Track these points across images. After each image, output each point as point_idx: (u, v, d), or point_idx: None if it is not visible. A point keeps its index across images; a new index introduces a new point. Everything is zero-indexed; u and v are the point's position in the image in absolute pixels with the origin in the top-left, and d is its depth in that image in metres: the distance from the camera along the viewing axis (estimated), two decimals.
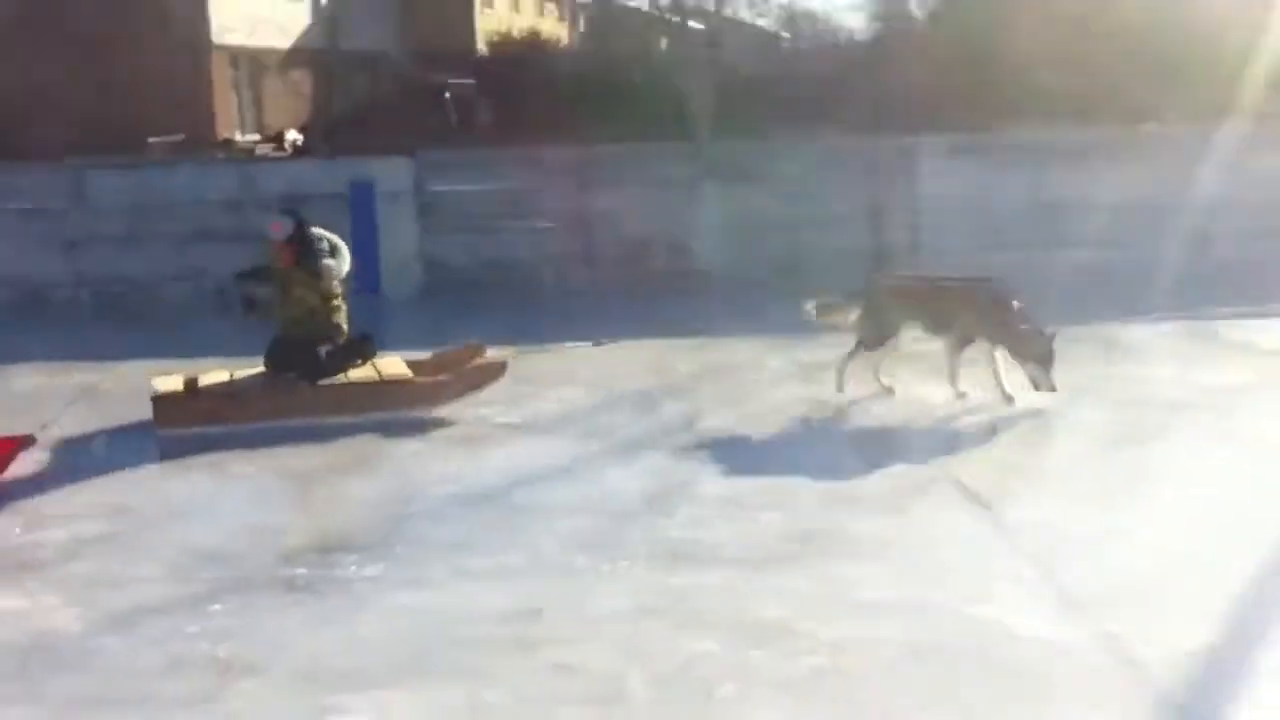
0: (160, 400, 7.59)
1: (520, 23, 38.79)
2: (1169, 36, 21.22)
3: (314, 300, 8.02)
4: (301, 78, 32.02)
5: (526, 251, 13.65)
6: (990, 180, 14.05)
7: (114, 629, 4.76)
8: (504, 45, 33.11)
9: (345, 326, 8.21)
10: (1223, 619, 4.45)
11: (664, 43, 30.76)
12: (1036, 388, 7.47)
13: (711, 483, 6.36)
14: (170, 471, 6.95)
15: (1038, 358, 7.46)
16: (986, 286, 7.81)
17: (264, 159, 22.53)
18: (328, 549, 5.52)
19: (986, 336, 7.69)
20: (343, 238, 8.44)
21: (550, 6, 44.20)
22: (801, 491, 6.15)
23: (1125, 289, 11.17)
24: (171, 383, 7.82)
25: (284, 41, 31.62)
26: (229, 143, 27.90)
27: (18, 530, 5.94)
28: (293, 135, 28.19)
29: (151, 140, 23.52)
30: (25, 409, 7.95)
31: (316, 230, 8.24)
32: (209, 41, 28.23)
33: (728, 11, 30.16)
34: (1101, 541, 5.29)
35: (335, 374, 7.98)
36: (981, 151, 14.54)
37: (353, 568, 5.30)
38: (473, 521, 5.89)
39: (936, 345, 7.96)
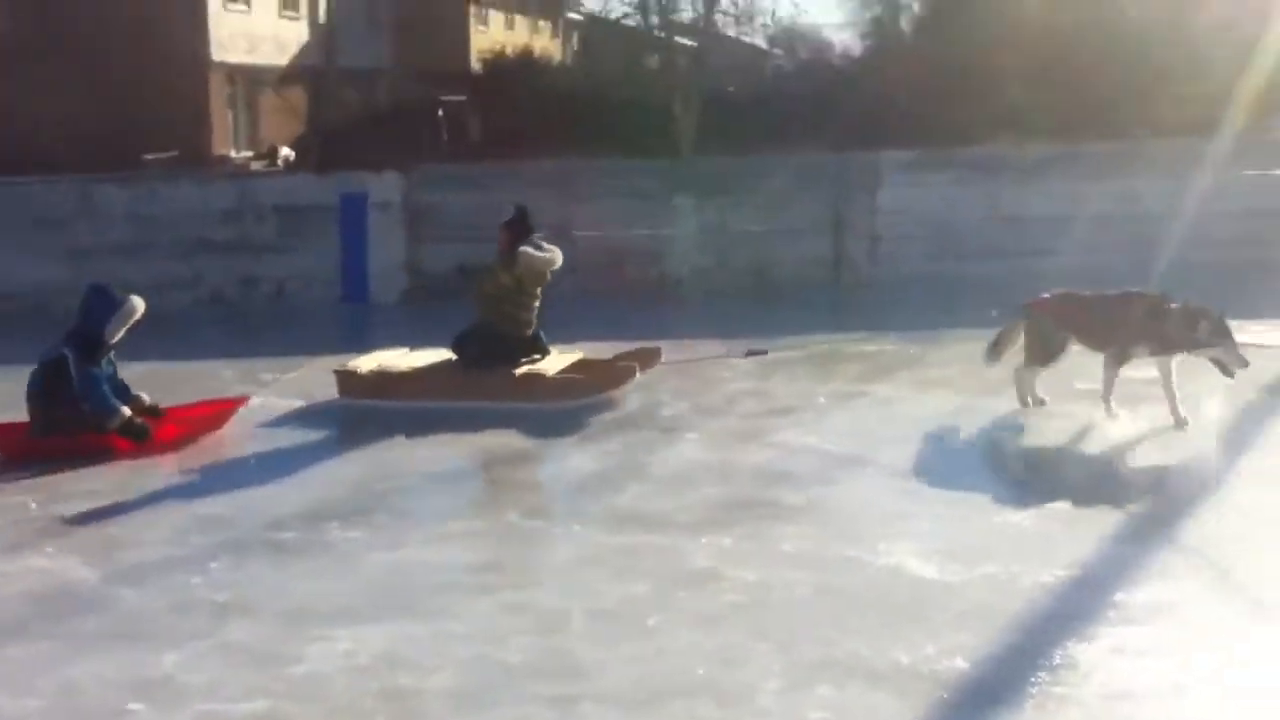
0: (341, 373, 8.70)
1: (514, 40, 39.50)
2: (1140, 57, 21.99)
3: (506, 280, 8.71)
4: (297, 94, 32.74)
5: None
6: (952, 193, 14.75)
7: (125, 581, 5.43)
8: (497, 62, 33.86)
9: (533, 321, 8.89)
10: (1077, 565, 5.14)
11: (653, 60, 31.49)
12: (1226, 373, 7.31)
13: (661, 464, 7.06)
14: (176, 455, 7.62)
15: (1209, 341, 7.25)
16: (1142, 298, 7.71)
17: (259, 174, 23.20)
18: (314, 517, 6.20)
19: (1148, 348, 7.51)
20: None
21: (544, 24, 45.01)
22: (742, 469, 6.85)
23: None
24: (358, 362, 8.87)
25: (281, 59, 32.33)
26: (224, 159, 28.58)
27: (33, 505, 6.62)
28: (286, 151, 28.86)
29: (147, 157, 24.17)
30: None
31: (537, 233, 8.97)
32: (207, 59, 28.89)
33: (716, 30, 30.84)
34: (989, 504, 6.05)
35: (510, 366, 8.65)
36: (945, 166, 15.26)
37: (336, 532, 5.98)
38: (446, 495, 6.59)
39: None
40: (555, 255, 8.85)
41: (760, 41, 36.75)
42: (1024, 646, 4.39)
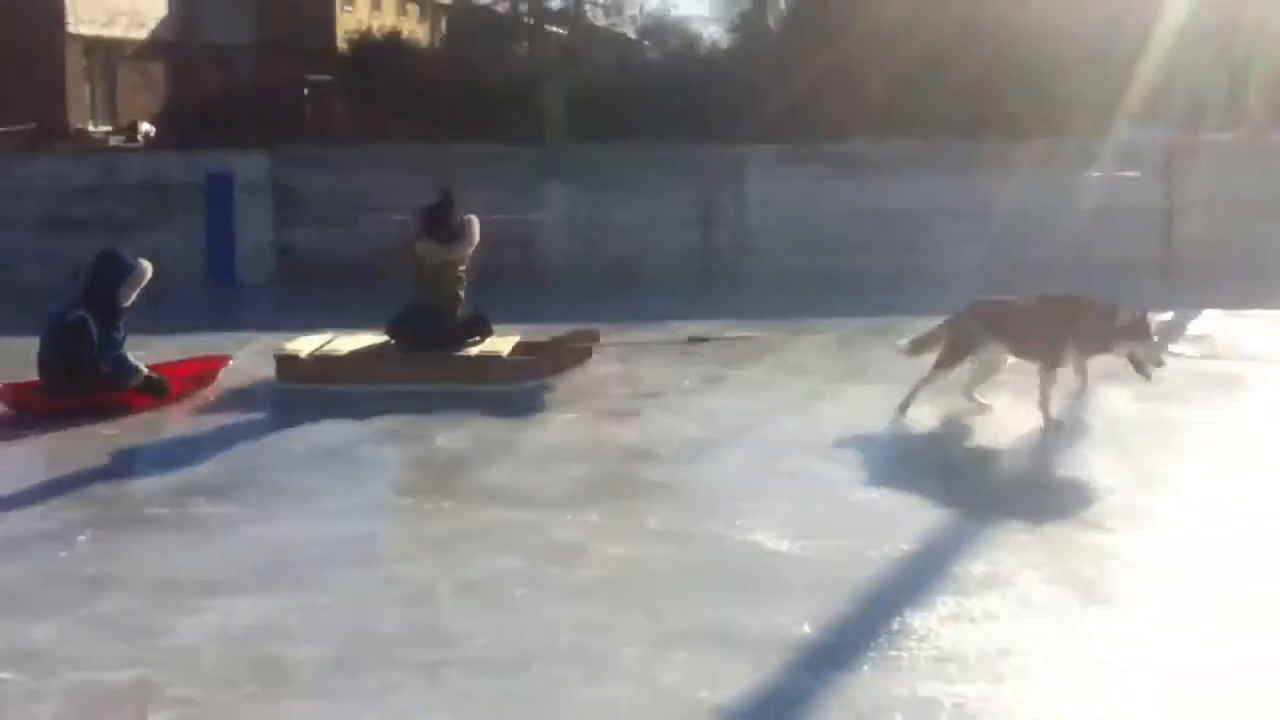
0: (282, 359, 8.66)
1: (381, 22, 39.12)
2: (1002, 59, 22.76)
3: (453, 258, 8.80)
4: (156, 69, 32.03)
5: (381, 243, 14.36)
6: (817, 188, 15.18)
7: None
8: (364, 44, 33.56)
9: (463, 298, 8.93)
10: (920, 540, 5.48)
11: (523, 46, 31.53)
12: (1142, 371, 7.40)
13: (532, 443, 7.25)
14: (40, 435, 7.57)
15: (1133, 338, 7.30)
16: (1091, 304, 7.57)
17: (120, 150, 22.71)
18: (185, 493, 6.26)
19: (1083, 353, 7.54)
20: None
21: (411, 7, 44.65)
22: (609, 449, 7.08)
23: (932, 288, 12.36)
24: (296, 346, 8.83)
25: (140, 32, 31.61)
26: (82, 133, 27.86)
27: None
28: (146, 127, 28.25)
29: (0, 129, 23.51)
30: None
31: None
32: (63, 30, 28.14)
33: (586, 19, 31.03)
34: (842, 484, 6.38)
35: (453, 349, 8.70)
36: (810, 160, 15.69)
37: (206, 508, 6.04)
38: (321, 473, 6.69)
39: None
40: (473, 227, 9.02)
41: (630, 32, 37.04)
42: (866, 614, 4.70)
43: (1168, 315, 11.42)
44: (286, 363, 8.69)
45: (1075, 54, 21.41)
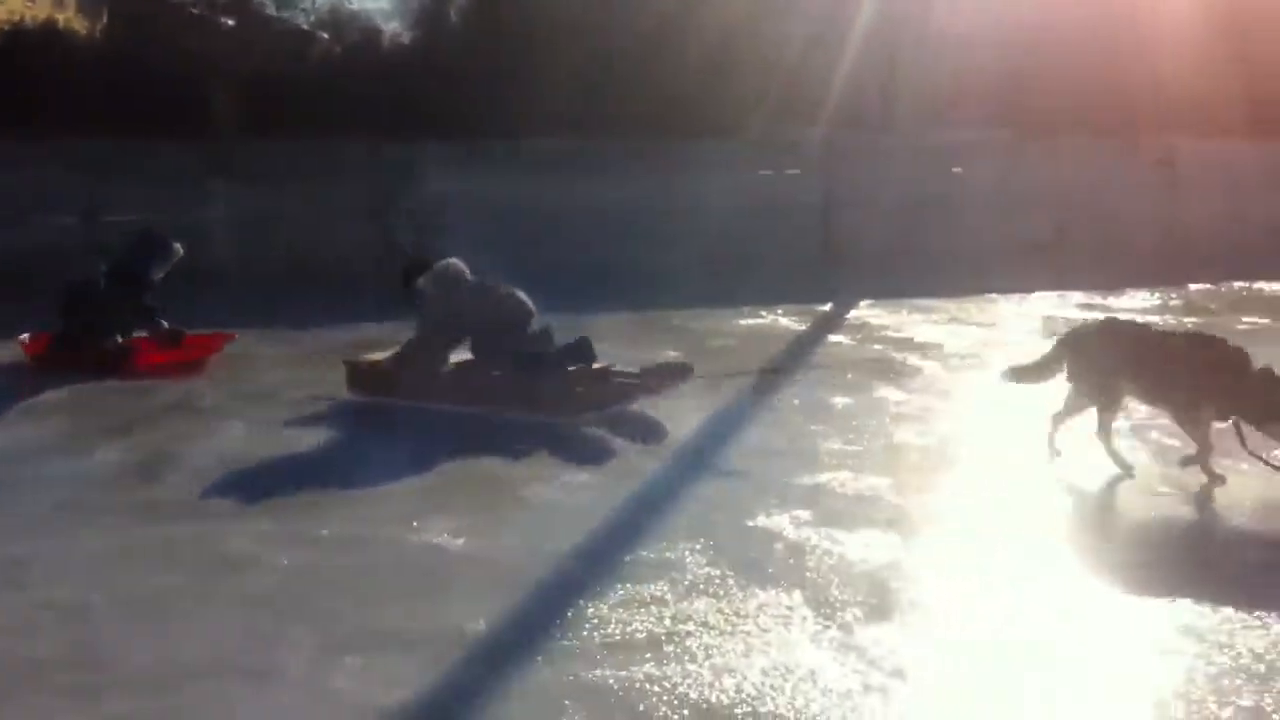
0: (353, 366, 8.42)
1: (35, 12, 36.73)
2: (683, 61, 23.33)
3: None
4: None
5: (41, 242, 13.53)
6: (495, 185, 15.25)
7: None
8: (16, 35, 31.39)
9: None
10: (591, 532, 5.64)
11: (191, 38, 30.21)
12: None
13: (202, 454, 7.00)
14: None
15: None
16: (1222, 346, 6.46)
17: None
18: None
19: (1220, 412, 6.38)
20: None
21: None
22: (285, 457, 6.94)
23: (600, 285, 12.67)
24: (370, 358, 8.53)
25: None
26: None
27: None
28: None
29: None
30: None
31: None
32: None
33: (257, 10, 29.98)
34: (515, 481, 6.46)
35: (555, 375, 8.04)
36: (492, 157, 15.76)
37: None
38: None
39: None
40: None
41: (305, 24, 36.09)
42: (540, 606, 4.79)
43: (827, 306, 12.13)
44: (356, 372, 8.34)
45: (746, 56, 22.27)
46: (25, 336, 9.29)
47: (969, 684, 4.19)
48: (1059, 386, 6.87)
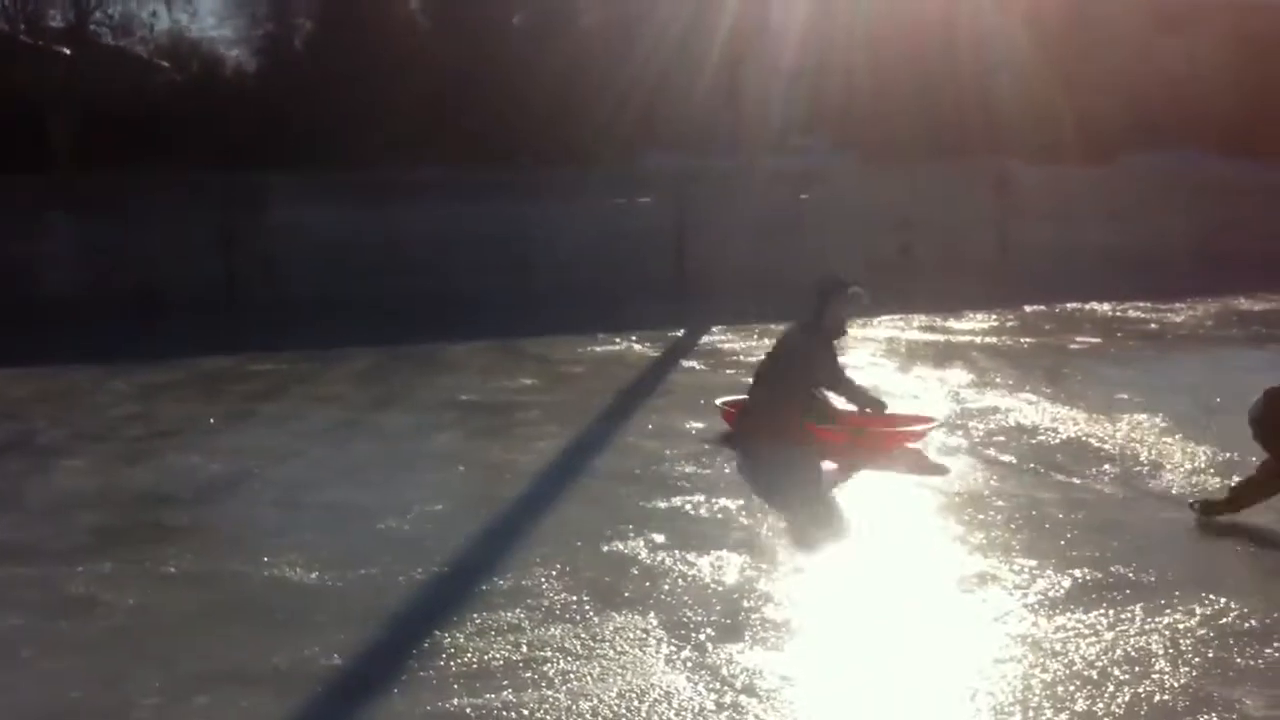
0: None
1: None
2: (528, 88, 23.39)
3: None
4: None
5: None
6: (347, 213, 15.12)
7: None
8: None
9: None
10: (448, 562, 5.62)
11: (24, 68, 29.26)
12: None
13: (36, 493, 6.81)
14: None
15: None
16: None
17: None
18: None
19: None
20: None
21: None
22: (124, 493, 6.76)
23: (455, 314, 12.65)
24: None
25: None
26: None
27: None
28: None
29: None
30: None
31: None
32: None
33: (93, 38, 29.19)
34: (370, 512, 6.39)
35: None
36: (338, 187, 15.61)
37: None
38: None
39: None
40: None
41: (145, 53, 35.24)
42: (396, 638, 4.76)
43: (680, 332, 12.28)
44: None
45: (596, 85, 22.46)
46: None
47: (816, 699, 4.29)
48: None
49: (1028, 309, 14.01)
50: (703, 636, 4.77)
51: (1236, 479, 6.28)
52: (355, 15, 24.58)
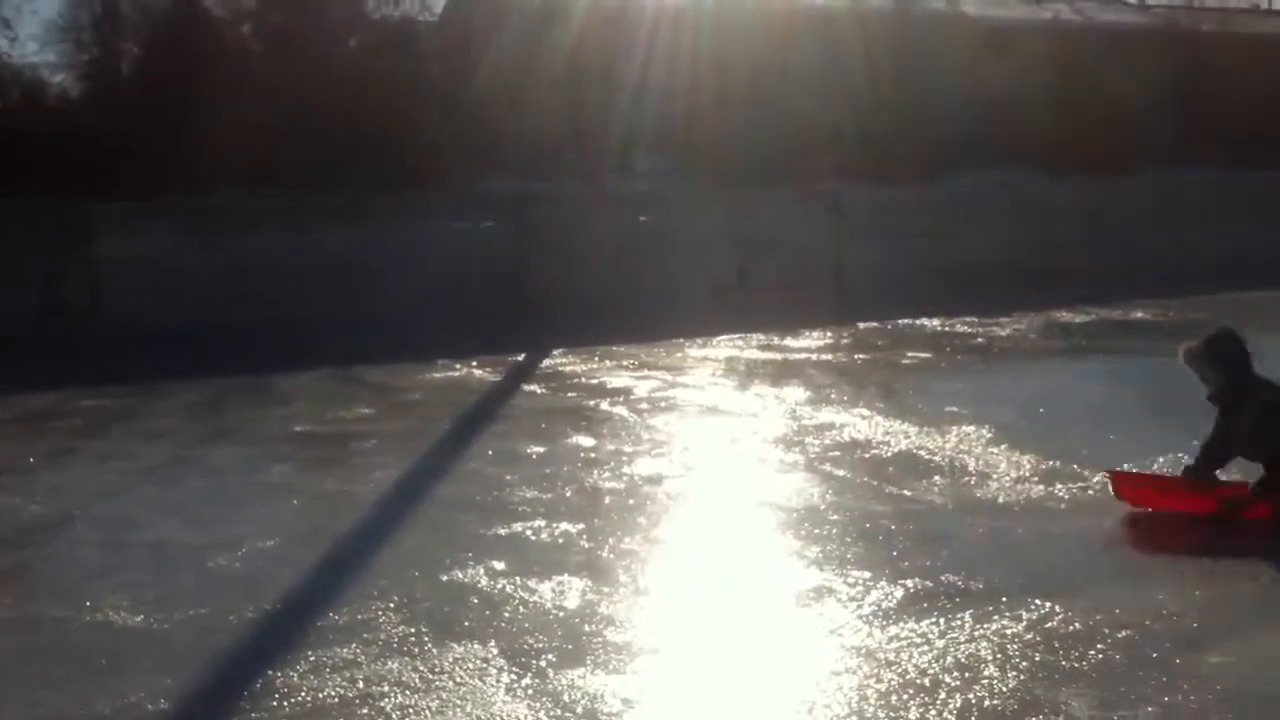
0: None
1: None
2: (361, 112, 23.11)
3: None
4: None
5: None
6: (180, 242, 14.69)
7: None
8: None
9: None
10: (282, 599, 5.50)
11: None
12: None
13: None
14: None
15: None
16: None
17: None
18: None
19: None
20: None
21: None
22: None
23: (294, 342, 12.40)
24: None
25: None
26: None
27: None
28: None
29: None
30: None
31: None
32: None
33: None
34: (209, 550, 6.21)
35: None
36: (170, 214, 15.18)
37: None
38: None
39: None
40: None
41: None
42: (225, 679, 4.63)
43: (521, 356, 12.24)
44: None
45: (436, 108, 22.27)
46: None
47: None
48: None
49: (861, 326, 14.30)
50: (543, 663, 4.74)
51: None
52: (185, 40, 23.95)
